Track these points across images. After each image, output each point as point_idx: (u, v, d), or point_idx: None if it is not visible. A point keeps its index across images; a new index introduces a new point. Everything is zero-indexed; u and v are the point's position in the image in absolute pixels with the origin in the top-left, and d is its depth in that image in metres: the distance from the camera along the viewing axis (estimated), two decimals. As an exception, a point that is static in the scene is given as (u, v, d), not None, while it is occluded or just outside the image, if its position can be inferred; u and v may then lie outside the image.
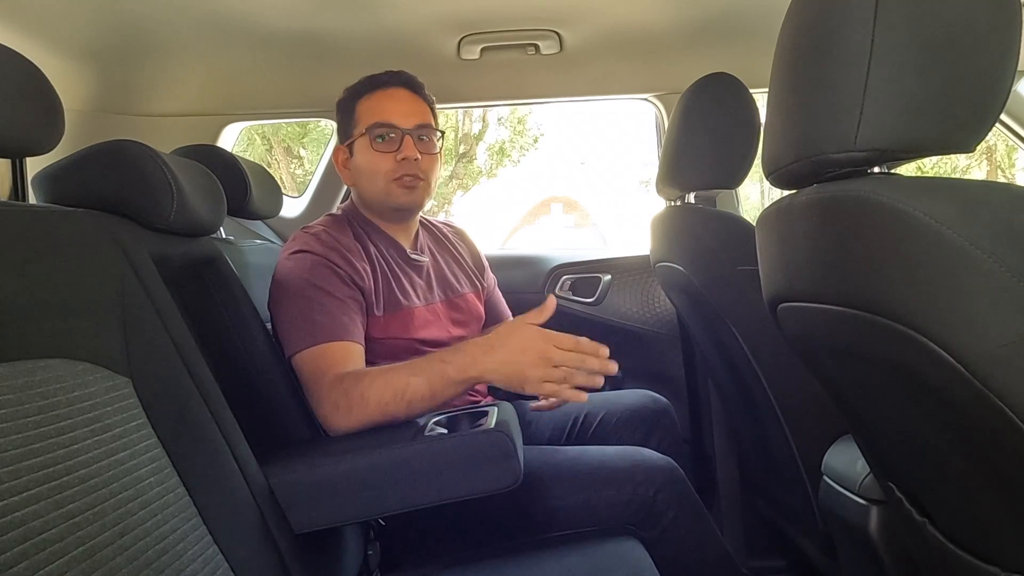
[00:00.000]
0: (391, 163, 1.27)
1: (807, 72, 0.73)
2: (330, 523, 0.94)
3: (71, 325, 0.70)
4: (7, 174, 1.51)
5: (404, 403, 1.03)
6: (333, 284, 1.17)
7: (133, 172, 0.93)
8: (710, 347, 1.55)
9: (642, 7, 1.57)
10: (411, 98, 1.31)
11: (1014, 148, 3.01)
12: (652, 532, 1.18)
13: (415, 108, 1.31)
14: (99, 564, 0.62)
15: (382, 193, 1.29)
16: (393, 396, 1.03)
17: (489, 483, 0.94)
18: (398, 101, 1.30)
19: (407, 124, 1.28)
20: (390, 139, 1.28)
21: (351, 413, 1.04)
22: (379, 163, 1.28)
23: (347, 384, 1.05)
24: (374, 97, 1.30)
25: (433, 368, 1.04)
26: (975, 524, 0.75)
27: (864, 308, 0.68)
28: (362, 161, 1.30)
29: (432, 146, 1.32)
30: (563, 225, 10.94)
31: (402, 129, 1.28)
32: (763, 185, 4.56)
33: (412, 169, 1.28)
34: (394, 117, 1.28)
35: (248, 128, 2.29)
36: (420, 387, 1.03)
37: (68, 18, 1.43)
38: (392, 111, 1.28)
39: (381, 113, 1.28)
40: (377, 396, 1.04)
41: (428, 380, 1.03)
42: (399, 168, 1.27)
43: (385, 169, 1.28)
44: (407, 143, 1.27)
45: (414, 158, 1.27)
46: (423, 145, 1.30)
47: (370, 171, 1.29)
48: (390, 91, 1.31)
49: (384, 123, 1.28)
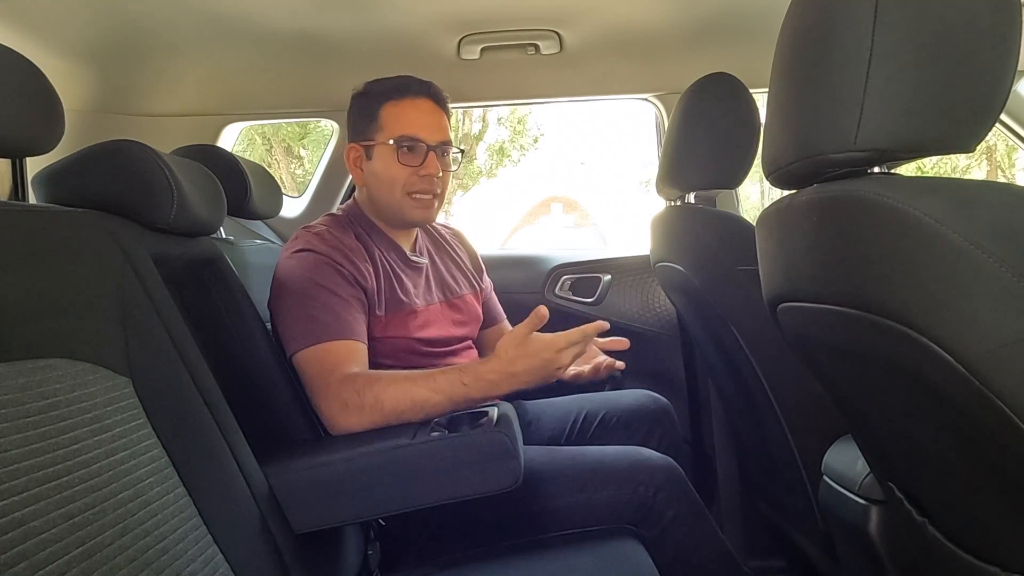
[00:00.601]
0: (413, 176, 1.28)
1: (807, 72, 0.73)
2: (330, 523, 0.94)
3: (71, 325, 0.71)
4: (7, 174, 1.51)
5: (421, 414, 1.06)
6: (336, 283, 1.17)
7: (133, 172, 0.93)
8: (710, 347, 1.55)
9: (642, 7, 1.57)
10: (437, 111, 1.31)
11: (1014, 148, 3.01)
12: (652, 532, 1.18)
13: (440, 123, 1.31)
14: (99, 564, 0.62)
15: (398, 205, 1.30)
16: (411, 407, 1.05)
17: (489, 483, 0.95)
18: (425, 113, 1.29)
19: (433, 139, 1.28)
20: (415, 153, 1.28)
21: (362, 413, 1.04)
22: (401, 175, 1.28)
23: (359, 384, 1.06)
24: (402, 105, 1.29)
25: (455, 390, 1.06)
26: (975, 524, 0.75)
27: (864, 308, 0.68)
28: (382, 168, 1.29)
29: (450, 163, 1.33)
30: (563, 225, 10.94)
31: (427, 144, 1.28)
32: (763, 185, 4.56)
33: (431, 185, 1.29)
34: (422, 131, 1.27)
35: (248, 128, 2.28)
36: (440, 404, 1.06)
37: (68, 18, 1.43)
38: (420, 125, 1.28)
39: (409, 125, 1.28)
40: (393, 403, 1.05)
41: (450, 400, 1.06)
42: (419, 183, 1.28)
43: (406, 182, 1.28)
44: (431, 159, 1.28)
45: (437, 175, 1.28)
46: (443, 162, 1.31)
47: (389, 180, 1.29)
48: (418, 101, 1.29)
49: (412, 137, 1.27)
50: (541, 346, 1.04)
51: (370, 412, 1.04)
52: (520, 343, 1.04)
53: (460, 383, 1.06)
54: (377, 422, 1.05)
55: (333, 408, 1.06)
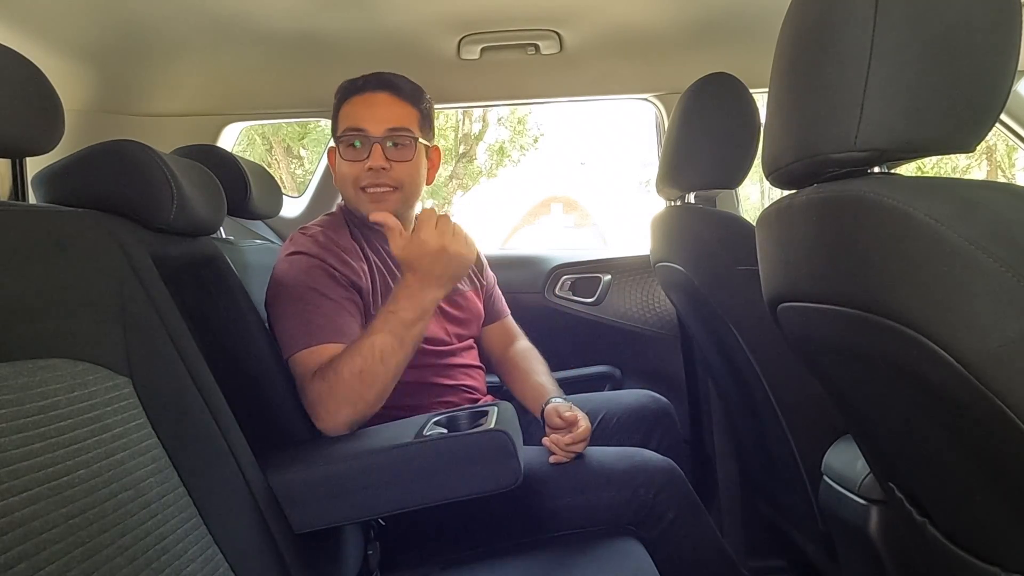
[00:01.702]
0: (359, 171, 1.25)
1: (807, 72, 0.73)
2: (330, 523, 0.94)
3: (71, 325, 0.70)
4: (7, 174, 1.51)
5: (378, 362, 1.05)
6: (328, 286, 1.17)
7: (133, 172, 0.93)
8: (710, 347, 1.55)
9: (642, 7, 1.57)
10: (389, 101, 1.26)
11: (1014, 148, 3.01)
12: (652, 533, 1.18)
13: (391, 112, 1.26)
14: (99, 564, 0.62)
15: (353, 201, 1.29)
16: (363, 360, 1.04)
17: (489, 483, 0.95)
18: (373, 106, 1.26)
19: (378, 131, 1.24)
20: (359, 147, 1.25)
21: (333, 396, 1.04)
22: (348, 171, 1.26)
23: (322, 371, 1.07)
24: (353, 102, 1.28)
25: (388, 321, 1.06)
26: (975, 524, 0.75)
27: (864, 308, 0.68)
28: (337, 166, 1.30)
29: (407, 152, 1.26)
30: (563, 225, 10.93)
31: (372, 136, 1.24)
32: (763, 185, 4.56)
33: (379, 179, 1.25)
34: (365, 123, 1.24)
35: (248, 128, 2.28)
36: (386, 341, 1.05)
37: (68, 18, 1.43)
38: (364, 116, 1.25)
39: (353, 118, 1.26)
40: (348, 367, 1.04)
41: (391, 332, 1.05)
42: (365, 177, 1.25)
43: (353, 177, 1.26)
44: (375, 151, 1.24)
45: (380, 167, 1.24)
46: (396, 152, 1.25)
47: (341, 177, 1.28)
48: (367, 96, 1.27)
49: (354, 128, 1.25)
50: (423, 235, 1.03)
51: (336, 388, 1.04)
52: (405, 245, 1.04)
53: (388, 312, 1.06)
54: (349, 396, 1.04)
55: (313, 405, 1.06)
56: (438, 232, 1.04)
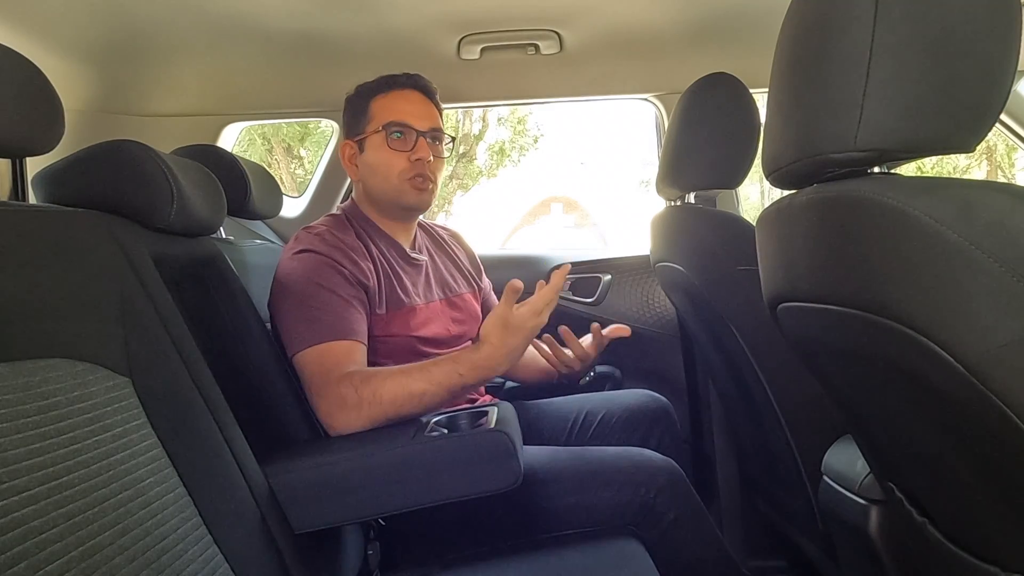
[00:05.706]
0: (405, 162, 1.30)
1: (807, 72, 0.73)
2: (330, 523, 0.94)
3: (71, 325, 0.70)
4: (7, 174, 1.51)
5: (419, 406, 1.06)
6: (337, 283, 1.17)
7: (133, 172, 0.93)
8: (710, 347, 1.55)
9: (642, 7, 1.57)
10: (425, 101, 1.34)
11: (1014, 148, 3.01)
12: (652, 533, 1.18)
13: (429, 111, 1.33)
14: (99, 564, 0.62)
15: (394, 191, 1.31)
16: (408, 399, 1.05)
17: (489, 483, 0.95)
18: (413, 103, 1.32)
19: (422, 126, 1.31)
20: (405, 139, 1.30)
21: (360, 410, 1.04)
22: (393, 161, 1.30)
23: (356, 381, 1.05)
24: (390, 96, 1.32)
25: (451, 380, 1.06)
26: (975, 524, 0.75)
27: (864, 308, 0.68)
28: (374, 158, 1.31)
29: (442, 150, 1.35)
30: (563, 225, 10.92)
31: (417, 130, 1.30)
32: (763, 185, 4.56)
33: (424, 170, 1.30)
34: (410, 118, 1.30)
35: (248, 128, 2.28)
36: (438, 395, 1.06)
37: (68, 18, 1.43)
38: (408, 112, 1.31)
39: (397, 113, 1.30)
40: (391, 397, 1.05)
41: (447, 390, 1.07)
42: (412, 168, 1.29)
43: (400, 167, 1.30)
44: (421, 144, 1.30)
45: (428, 159, 1.30)
46: (435, 148, 1.33)
47: (384, 168, 1.30)
48: (405, 92, 1.33)
49: (400, 123, 1.30)
50: (525, 317, 1.04)
51: (368, 408, 1.04)
52: (505, 324, 1.05)
53: (456, 374, 1.06)
54: (376, 418, 1.04)
55: (332, 406, 1.06)
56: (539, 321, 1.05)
